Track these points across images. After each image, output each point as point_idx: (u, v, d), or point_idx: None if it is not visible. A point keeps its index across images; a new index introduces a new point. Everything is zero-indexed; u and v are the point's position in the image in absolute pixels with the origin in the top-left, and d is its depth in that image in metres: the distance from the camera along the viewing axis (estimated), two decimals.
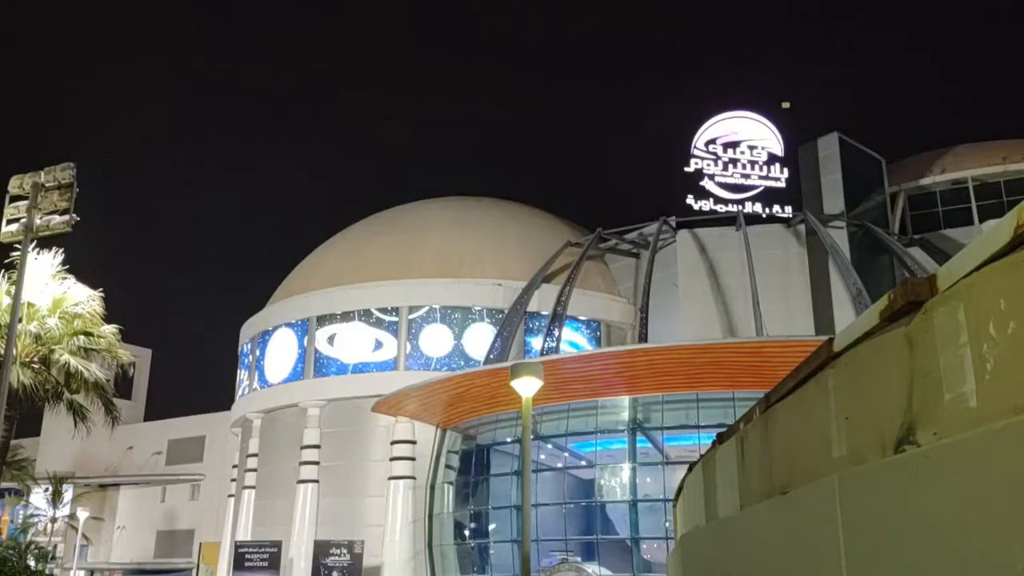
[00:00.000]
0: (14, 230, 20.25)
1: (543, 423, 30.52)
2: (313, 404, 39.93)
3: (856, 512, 2.90)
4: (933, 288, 2.71)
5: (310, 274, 44.43)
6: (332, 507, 38.06)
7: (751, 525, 4.32)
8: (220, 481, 50.94)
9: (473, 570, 33.35)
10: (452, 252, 40.88)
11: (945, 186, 41.75)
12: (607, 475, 31.18)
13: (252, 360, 44.54)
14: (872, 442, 2.97)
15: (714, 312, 36.37)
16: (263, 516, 41.11)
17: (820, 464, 3.36)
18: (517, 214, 45.82)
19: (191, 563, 56.92)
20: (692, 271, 37.62)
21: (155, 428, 61.90)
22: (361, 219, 47.89)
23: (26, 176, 20.24)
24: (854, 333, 3.20)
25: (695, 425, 28.95)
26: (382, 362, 39.09)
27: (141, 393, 67.37)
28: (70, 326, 22.31)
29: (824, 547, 3.09)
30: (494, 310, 39.00)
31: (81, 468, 58.45)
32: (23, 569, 22.17)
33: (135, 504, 61.56)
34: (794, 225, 37.80)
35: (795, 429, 3.81)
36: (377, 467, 37.32)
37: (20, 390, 20.70)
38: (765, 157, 38.93)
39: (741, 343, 28.95)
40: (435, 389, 33.06)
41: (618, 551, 29.83)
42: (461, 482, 34.90)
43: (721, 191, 38.60)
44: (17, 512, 53.41)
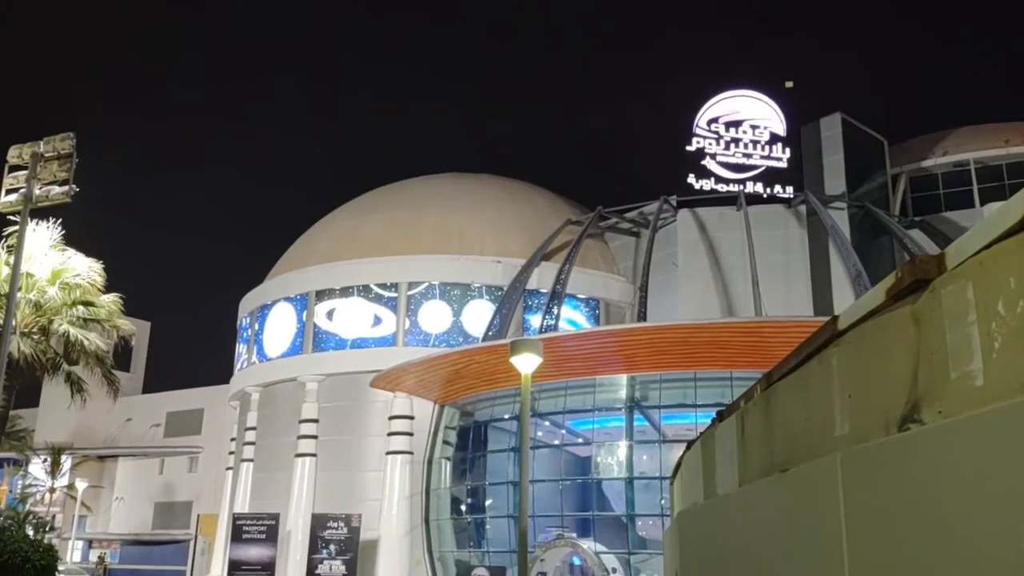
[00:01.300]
0: (13, 200, 20.18)
1: (541, 400, 30.60)
2: (312, 379, 40.03)
3: (858, 490, 2.90)
4: (941, 266, 2.69)
5: (309, 249, 44.38)
6: (330, 481, 38.25)
7: (750, 502, 4.33)
8: (218, 454, 51.17)
9: (469, 545, 33.57)
10: (452, 229, 40.81)
11: (947, 168, 41.62)
12: (604, 452, 31.32)
13: (251, 334, 44.59)
14: (876, 420, 2.96)
15: (713, 292, 36.36)
16: (261, 489, 41.32)
17: (822, 442, 3.36)
18: (517, 192, 45.70)
19: (189, 535, 57.32)
20: (692, 250, 37.57)
21: (154, 400, 62.13)
22: (361, 194, 47.78)
23: (25, 146, 20.13)
24: (859, 311, 3.19)
25: (692, 404, 29.02)
26: (381, 337, 39.13)
27: (140, 366, 67.56)
28: (70, 296, 22.29)
29: (825, 524, 3.09)
30: (493, 287, 39.00)
31: (80, 439, 58.71)
32: (22, 539, 22.31)
33: (133, 475, 61.90)
34: (795, 206, 37.72)
35: (797, 407, 3.80)
36: (375, 442, 37.48)
37: (20, 360, 20.71)
38: (767, 137, 38.76)
39: (740, 323, 29.00)
40: (433, 365, 33.12)
41: (614, 527, 30.02)
42: (458, 458, 35.06)
43: (722, 170, 38.46)
44: (16, 482, 53.67)
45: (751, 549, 4.20)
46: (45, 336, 21.83)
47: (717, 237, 37.34)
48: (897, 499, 2.66)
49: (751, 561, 4.17)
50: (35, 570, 20.83)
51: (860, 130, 40.46)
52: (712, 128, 38.87)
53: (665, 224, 39.05)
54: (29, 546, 21.50)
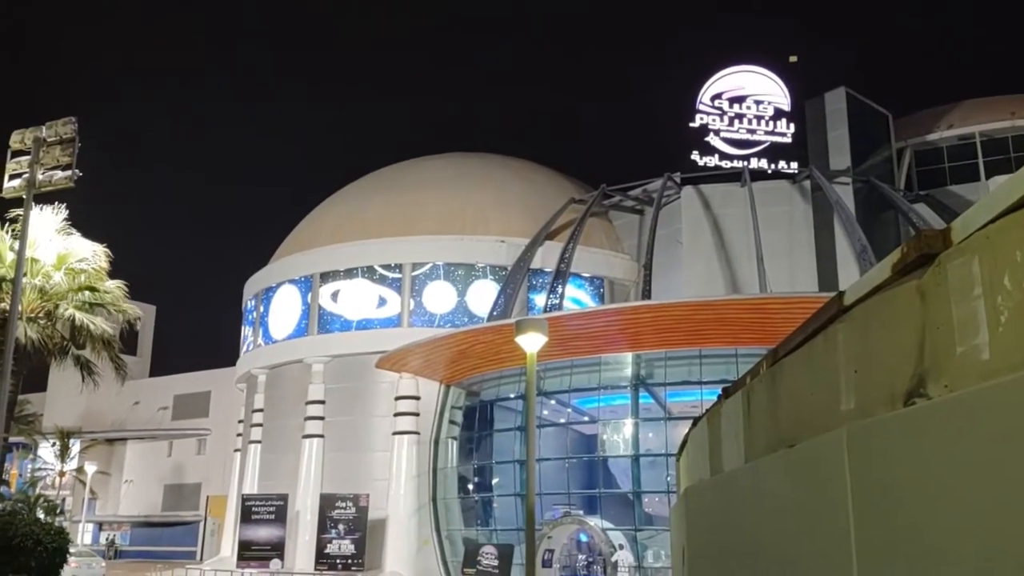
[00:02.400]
0: (16, 185, 20.18)
1: (546, 379, 30.68)
2: (317, 360, 40.16)
3: (864, 464, 2.91)
4: (947, 240, 2.68)
5: (313, 230, 44.37)
6: (337, 461, 38.47)
7: (757, 478, 4.34)
8: (226, 436, 51.48)
9: (476, 523, 33.79)
10: (455, 209, 40.75)
11: (952, 142, 41.39)
12: (609, 430, 31.42)
13: (256, 316, 44.70)
14: (882, 395, 2.97)
15: (718, 268, 36.32)
16: (269, 470, 41.57)
17: (828, 417, 3.37)
18: (520, 171, 45.57)
19: (198, 516, 57.80)
20: (696, 227, 37.49)
21: (161, 384, 62.43)
22: (364, 175, 47.70)
23: (27, 131, 20.10)
24: (865, 287, 3.19)
25: (697, 381, 29.07)
26: (386, 318, 39.21)
27: (146, 349, 67.89)
28: (75, 281, 22.33)
29: (831, 499, 3.11)
30: (497, 267, 38.99)
31: (88, 423, 59.07)
32: (33, 522, 22.49)
33: (142, 458, 62.32)
34: (799, 181, 37.57)
35: (803, 383, 3.81)
36: (381, 422, 37.65)
37: (27, 344, 20.79)
38: (771, 112, 38.55)
39: (744, 300, 28.98)
40: (438, 345, 33.18)
41: (620, 505, 30.17)
42: (465, 437, 35.21)
43: (726, 146, 38.30)
44: (25, 466, 54.09)
45: (757, 524, 4.22)
46: (51, 321, 21.89)
47: (721, 214, 37.24)
48: (903, 473, 2.67)
49: (758, 535, 4.19)
50: (47, 553, 21.00)
51: (864, 104, 40.21)
52: (716, 104, 38.66)
53: (669, 201, 38.94)
54: (40, 529, 21.68)
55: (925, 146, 41.71)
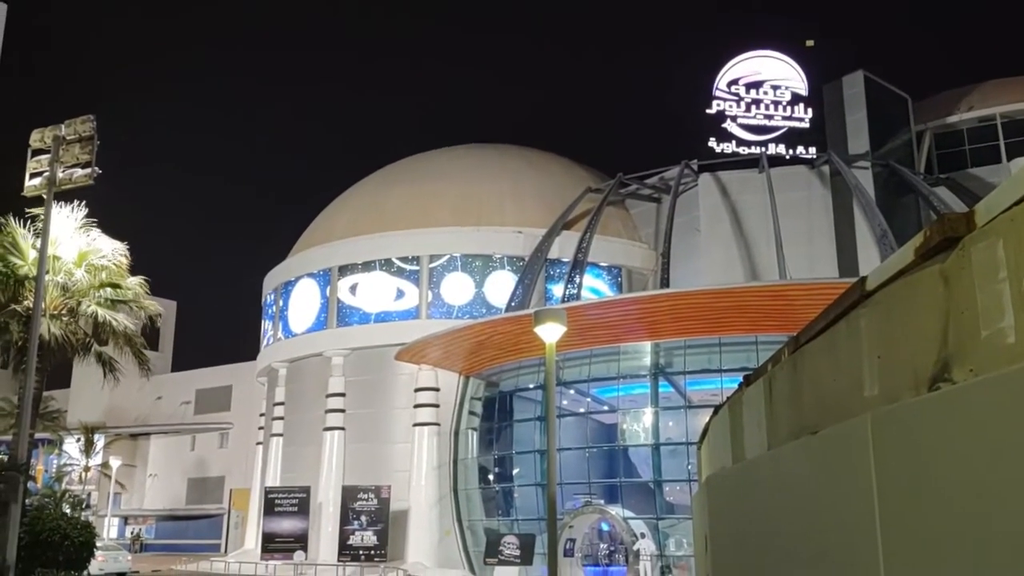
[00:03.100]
0: (37, 184, 20.37)
1: (565, 369, 30.66)
2: (337, 353, 40.35)
3: (889, 449, 2.89)
4: (971, 223, 2.66)
5: (330, 224, 44.53)
6: (359, 453, 38.69)
7: (779, 465, 4.33)
8: (248, 429, 51.85)
9: (498, 513, 33.89)
10: (471, 200, 40.76)
11: (972, 124, 40.92)
12: (629, 419, 31.38)
13: (276, 310, 44.97)
14: (906, 380, 2.95)
15: (736, 256, 36.14)
16: (291, 463, 41.88)
17: (851, 404, 3.35)
18: (536, 161, 45.49)
19: (222, 509, 58.33)
20: (714, 215, 37.30)
21: (183, 378, 62.97)
22: (380, 168, 47.77)
23: (47, 129, 20.28)
24: (887, 271, 3.16)
25: (717, 369, 28.96)
26: (404, 311, 39.33)
27: (168, 344, 68.45)
28: (96, 278, 22.53)
29: (856, 485, 3.09)
30: (514, 258, 38.99)
31: (111, 418, 59.68)
32: (60, 516, 22.76)
33: (166, 452, 62.93)
34: (818, 166, 37.29)
35: (825, 369, 3.78)
36: (402, 414, 37.81)
37: (51, 341, 21.02)
38: (789, 97, 38.26)
39: (764, 287, 28.80)
40: (457, 337, 33.24)
41: (641, 494, 30.16)
42: (485, 428, 35.28)
43: (744, 133, 38.05)
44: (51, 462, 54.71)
45: (781, 511, 4.21)
46: (74, 318, 22.10)
47: (739, 200, 37.03)
48: (929, 458, 2.66)
49: (781, 522, 4.18)
50: (74, 547, 21.28)
51: (883, 87, 39.81)
52: (732, 90, 38.41)
53: (686, 189, 38.76)
54: (67, 524, 21.95)
55: (945, 129, 41.25)
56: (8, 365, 23.70)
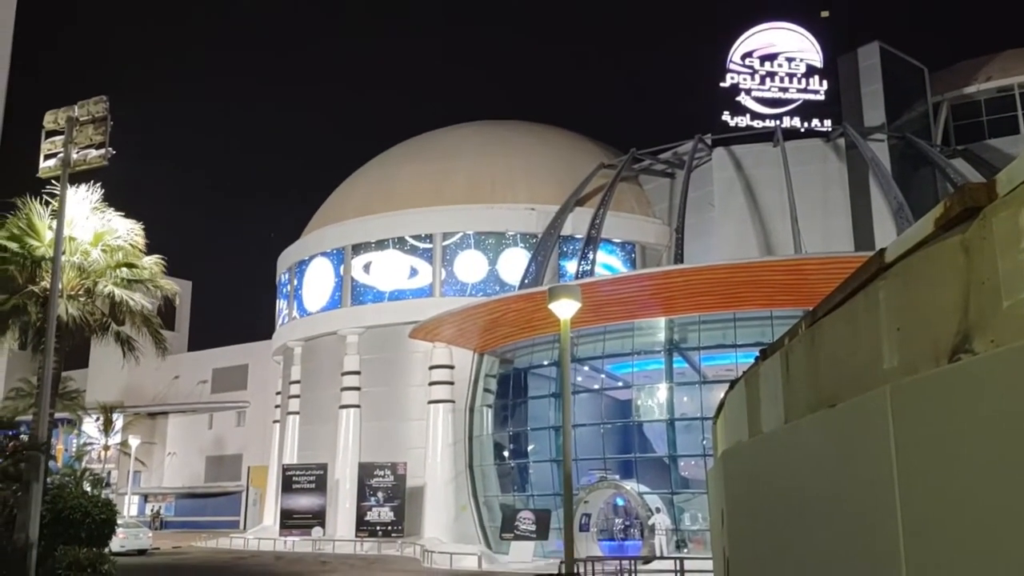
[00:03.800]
0: (52, 165, 20.45)
1: (579, 345, 30.69)
2: (352, 332, 40.54)
3: (909, 421, 2.88)
4: (992, 193, 2.63)
5: (344, 203, 44.57)
6: (374, 431, 38.96)
7: (796, 438, 4.32)
8: (264, 407, 52.32)
9: (513, 489, 34.09)
10: (484, 177, 40.68)
11: (990, 94, 40.42)
12: (644, 395, 31.42)
13: (290, 290, 45.17)
14: (925, 352, 2.93)
15: (751, 230, 35.97)
16: (308, 440, 42.24)
17: (870, 376, 3.33)
18: (549, 137, 45.30)
19: (240, 486, 58.98)
20: (728, 189, 37.10)
21: (199, 358, 63.49)
22: (392, 146, 47.71)
23: (60, 111, 20.32)
24: (907, 243, 3.13)
25: (732, 344, 28.92)
26: (418, 289, 39.42)
27: (184, 324, 68.97)
28: (113, 258, 22.64)
29: (875, 457, 3.08)
30: (528, 235, 38.95)
31: (129, 398, 60.30)
32: (81, 495, 23.05)
33: (184, 431, 63.59)
34: (833, 139, 36.97)
35: (843, 342, 3.76)
36: (417, 391, 38.00)
37: (68, 322, 21.16)
38: (803, 69, 37.89)
39: (779, 261, 28.66)
40: (471, 315, 33.31)
41: (656, 469, 30.26)
42: (499, 405, 35.42)
43: (758, 106, 37.75)
44: (71, 441, 55.31)
45: (798, 484, 4.21)
46: (91, 298, 22.24)
47: (754, 174, 36.80)
48: (949, 429, 2.64)
49: (799, 495, 4.18)
50: (95, 524, 21.54)
51: (899, 58, 39.35)
52: (746, 63, 38.06)
53: (700, 164, 38.55)
54: (88, 501, 22.22)
55: (962, 99, 40.78)
56: (27, 346, 23.90)
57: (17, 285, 21.49)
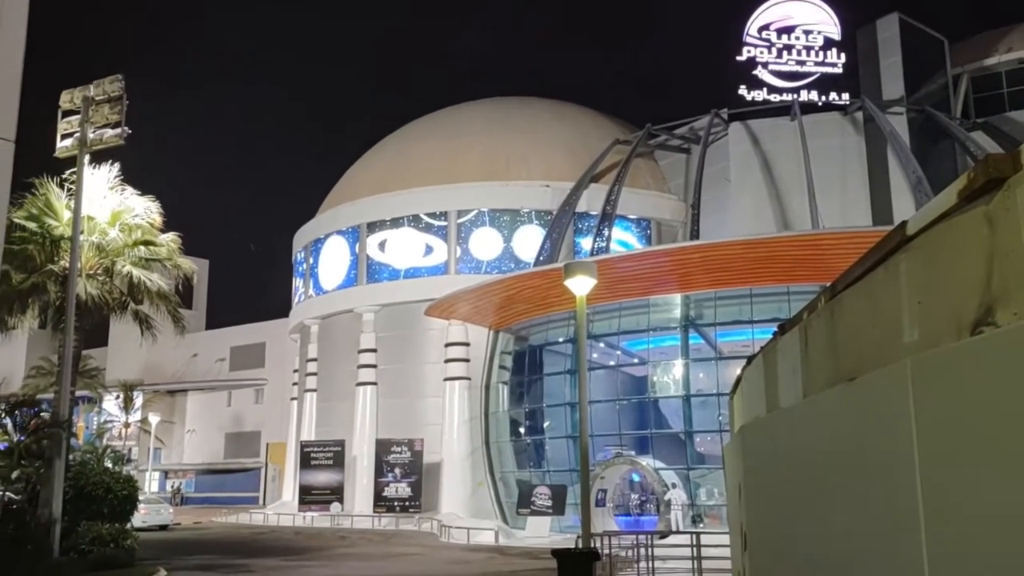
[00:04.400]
0: (69, 145, 20.55)
1: (595, 322, 30.66)
2: (367, 309, 40.70)
3: (930, 395, 2.86)
4: (1017, 164, 2.59)
5: (358, 181, 44.59)
6: (391, 408, 39.20)
7: (815, 413, 4.31)
8: (282, 385, 52.72)
9: (529, 465, 34.25)
10: (498, 154, 40.56)
11: (1011, 65, 39.80)
12: (660, 371, 31.41)
13: (306, 268, 45.35)
14: (947, 325, 2.90)
15: (768, 205, 35.74)
16: (325, 417, 42.56)
17: (890, 350, 3.31)
18: (563, 113, 45.07)
19: (259, 463, 59.60)
20: (745, 164, 36.83)
21: (217, 336, 63.97)
22: (407, 123, 47.58)
23: (76, 90, 20.39)
24: (929, 215, 3.10)
25: (749, 320, 28.82)
26: (433, 267, 39.48)
27: (201, 303, 69.41)
28: (130, 236, 22.78)
29: (895, 431, 3.07)
30: (543, 212, 38.86)
31: (149, 375, 60.86)
32: (103, 471, 23.37)
33: (203, 408, 64.21)
34: (851, 112, 36.58)
35: (863, 316, 3.74)
36: (433, 368, 38.16)
37: (88, 301, 21.35)
38: (821, 42, 37.44)
39: (797, 236, 28.47)
40: (486, 292, 33.33)
41: (672, 444, 30.31)
42: (515, 381, 35.52)
43: (775, 79, 37.37)
44: (91, 419, 55.95)
45: (817, 458, 4.20)
46: (109, 277, 22.40)
47: (770, 149, 36.50)
48: (971, 402, 2.62)
49: (818, 470, 4.17)
50: (117, 500, 21.87)
51: (918, 30, 38.79)
52: (763, 36, 37.63)
53: (716, 138, 38.26)
54: (110, 478, 22.54)
55: (982, 71, 40.20)
56: (47, 325, 24.15)
57: (36, 265, 21.68)
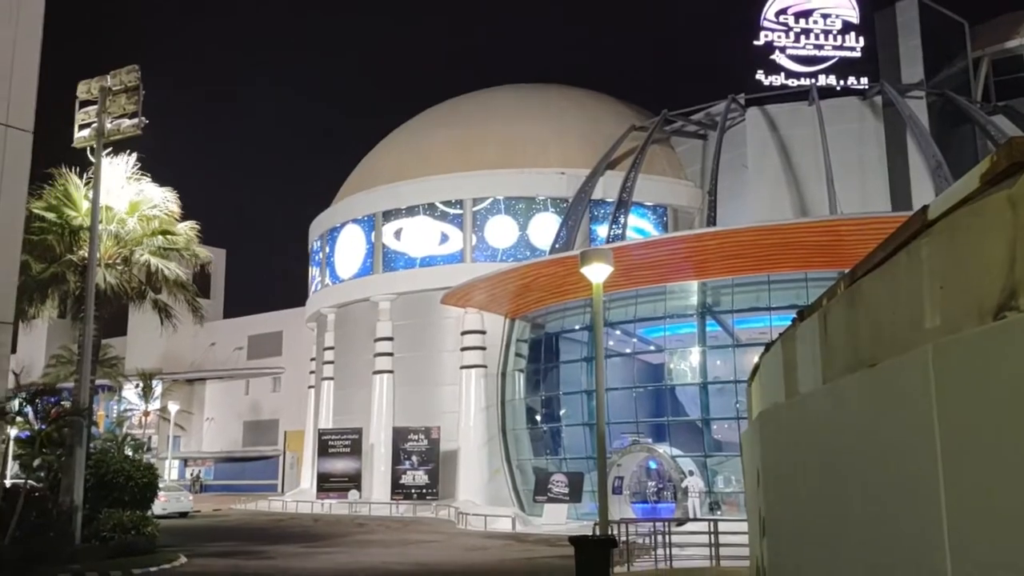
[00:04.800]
0: (86, 135, 20.66)
1: (611, 310, 30.61)
2: (384, 298, 40.79)
3: (951, 380, 2.83)
4: None
5: (374, 169, 44.62)
6: (408, 396, 39.34)
7: (835, 399, 4.28)
8: (299, 373, 52.95)
9: (546, 453, 34.31)
10: (514, 142, 40.45)
11: None
12: (676, 359, 31.34)
13: (323, 257, 45.48)
14: (969, 310, 2.87)
15: (785, 192, 35.49)
16: (343, 405, 42.77)
17: (911, 336, 3.28)
18: (579, 99, 44.86)
19: (277, 451, 60.01)
20: (762, 150, 36.57)
21: (235, 325, 64.35)
22: (422, 111, 47.53)
23: (93, 81, 20.49)
24: (951, 199, 3.06)
25: (766, 307, 28.68)
26: (449, 255, 39.50)
27: (219, 292, 69.82)
28: (148, 226, 22.92)
29: (916, 417, 3.04)
30: (558, 199, 38.76)
31: (167, 364, 61.34)
32: (123, 459, 23.61)
33: (221, 396, 64.66)
34: (870, 97, 36.21)
35: (884, 301, 3.71)
36: (449, 356, 38.24)
37: (106, 290, 21.51)
38: (839, 26, 37.05)
39: (814, 222, 28.26)
40: (502, 280, 33.32)
41: (689, 432, 30.26)
42: (531, 369, 35.54)
43: (793, 64, 37.04)
44: (111, 407, 56.44)
45: (837, 444, 4.18)
46: (128, 266, 22.56)
47: (788, 134, 36.22)
48: (993, 387, 2.59)
49: (837, 456, 4.15)
50: (137, 488, 22.11)
51: (938, 12, 38.31)
52: (781, 20, 37.28)
53: (733, 124, 37.99)
54: (131, 466, 22.79)
55: (1004, 54, 39.66)
56: (66, 314, 24.37)
57: (56, 254, 21.85)
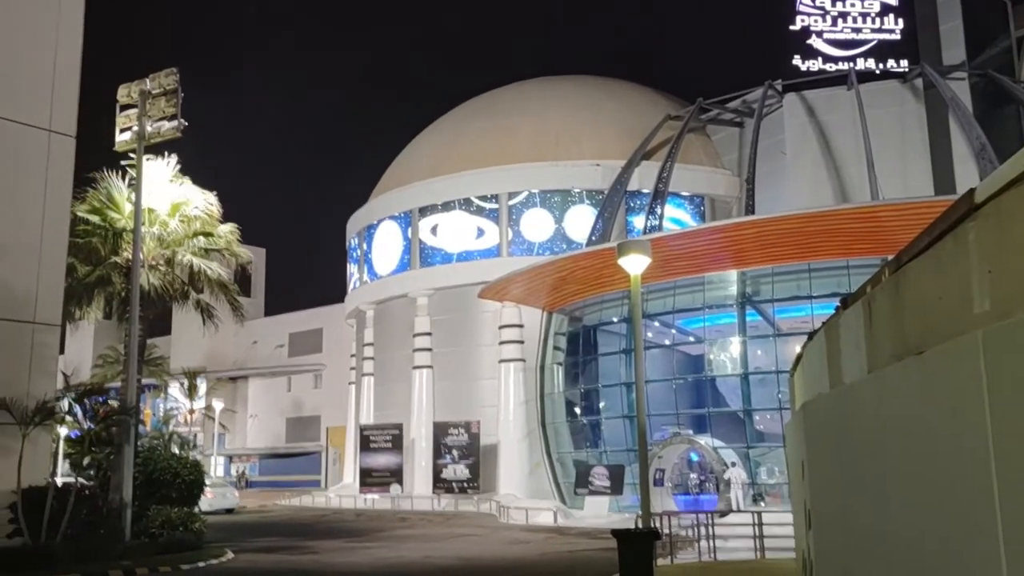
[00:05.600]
0: (128, 138, 21.00)
1: (649, 301, 30.43)
2: (421, 293, 40.99)
3: (1003, 368, 2.76)
4: None
5: (409, 165, 44.81)
6: (447, 390, 39.52)
7: (881, 388, 4.20)
8: (340, 369, 53.46)
9: (586, 445, 34.24)
10: (548, 134, 40.35)
11: None
12: (716, 350, 31.08)
13: (360, 254, 45.82)
14: (1020, 295, 2.80)
15: (825, 178, 34.99)
16: (383, 401, 43.10)
17: (960, 322, 3.21)
18: (613, 90, 44.61)
19: (320, 446, 60.68)
20: (800, 136, 36.08)
21: (276, 323, 65.14)
22: (456, 105, 47.61)
23: (133, 84, 20.82)
24: (999, 182, 2.99)
25: (807, 296, 28.30)
26: (485, 249, 39.56)
27: (259, 291, 70.71)
28: (190, 227, 23.24)
29: (966, 406, 2.97)
30: (594, 191, 38.61)
31: (211, 363, 62.25)
32: (170, 457, 24.04)
33: (264, 394, 65.53)
34: (910, 80, 35.54)
35: (930, 287, 3.63)
36: (487, 351, 38.33)
37: (150, 291, 21.88)
38: (877, 8, 36.41)
39: (856, 208, 27.80)
40: (539, 273, 33.28)
41: (730, 423, 29.99)
42: (570, 362, 35.47)
43: (830, 48, 36.47)
44: (158, 405, 57.44)
45: (883, 435, 4.10)
46: (171, 268, 22.90)
47: (827, 120, 35.69)
48: None
49: (884, 446, 4.08)
50: (184, 484, 22.49)
51: None
52: (817, 3, 36.74)
53: (770, 111, 37.52)
54: (178, 463, 23.19)
55: None
56: (112, 315, 24.82)
57: (101, 257, 22.25)
